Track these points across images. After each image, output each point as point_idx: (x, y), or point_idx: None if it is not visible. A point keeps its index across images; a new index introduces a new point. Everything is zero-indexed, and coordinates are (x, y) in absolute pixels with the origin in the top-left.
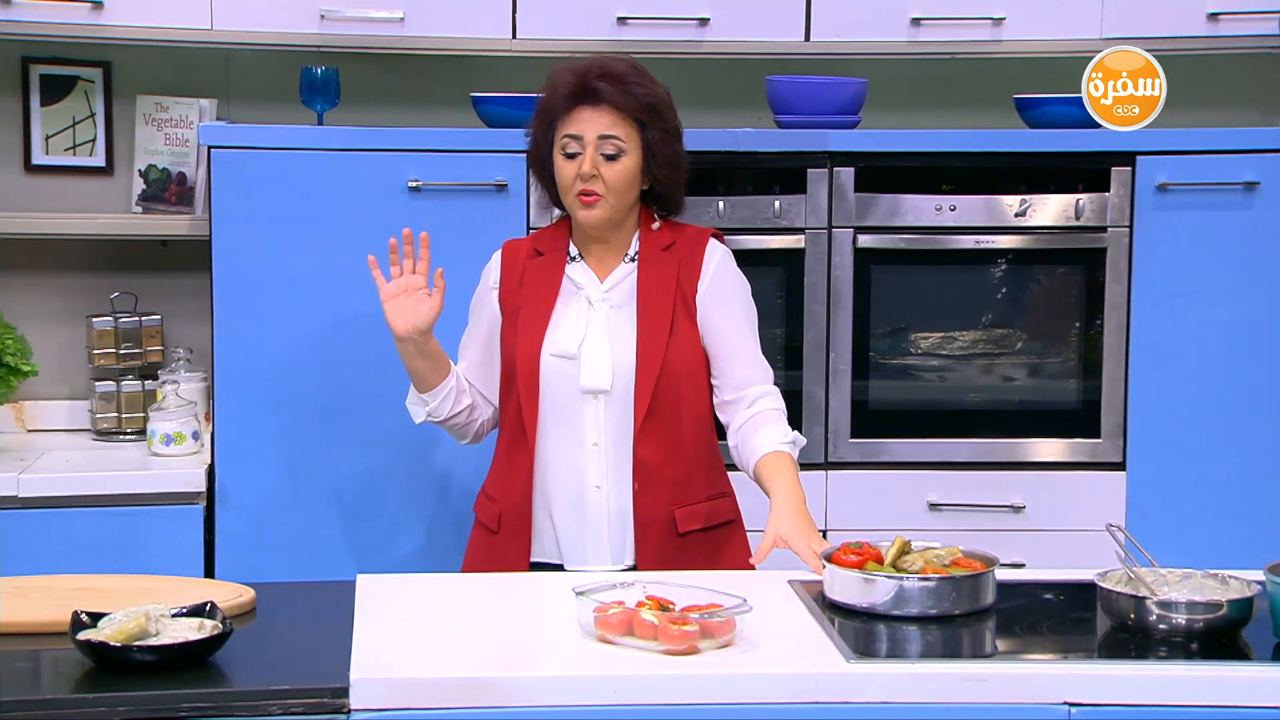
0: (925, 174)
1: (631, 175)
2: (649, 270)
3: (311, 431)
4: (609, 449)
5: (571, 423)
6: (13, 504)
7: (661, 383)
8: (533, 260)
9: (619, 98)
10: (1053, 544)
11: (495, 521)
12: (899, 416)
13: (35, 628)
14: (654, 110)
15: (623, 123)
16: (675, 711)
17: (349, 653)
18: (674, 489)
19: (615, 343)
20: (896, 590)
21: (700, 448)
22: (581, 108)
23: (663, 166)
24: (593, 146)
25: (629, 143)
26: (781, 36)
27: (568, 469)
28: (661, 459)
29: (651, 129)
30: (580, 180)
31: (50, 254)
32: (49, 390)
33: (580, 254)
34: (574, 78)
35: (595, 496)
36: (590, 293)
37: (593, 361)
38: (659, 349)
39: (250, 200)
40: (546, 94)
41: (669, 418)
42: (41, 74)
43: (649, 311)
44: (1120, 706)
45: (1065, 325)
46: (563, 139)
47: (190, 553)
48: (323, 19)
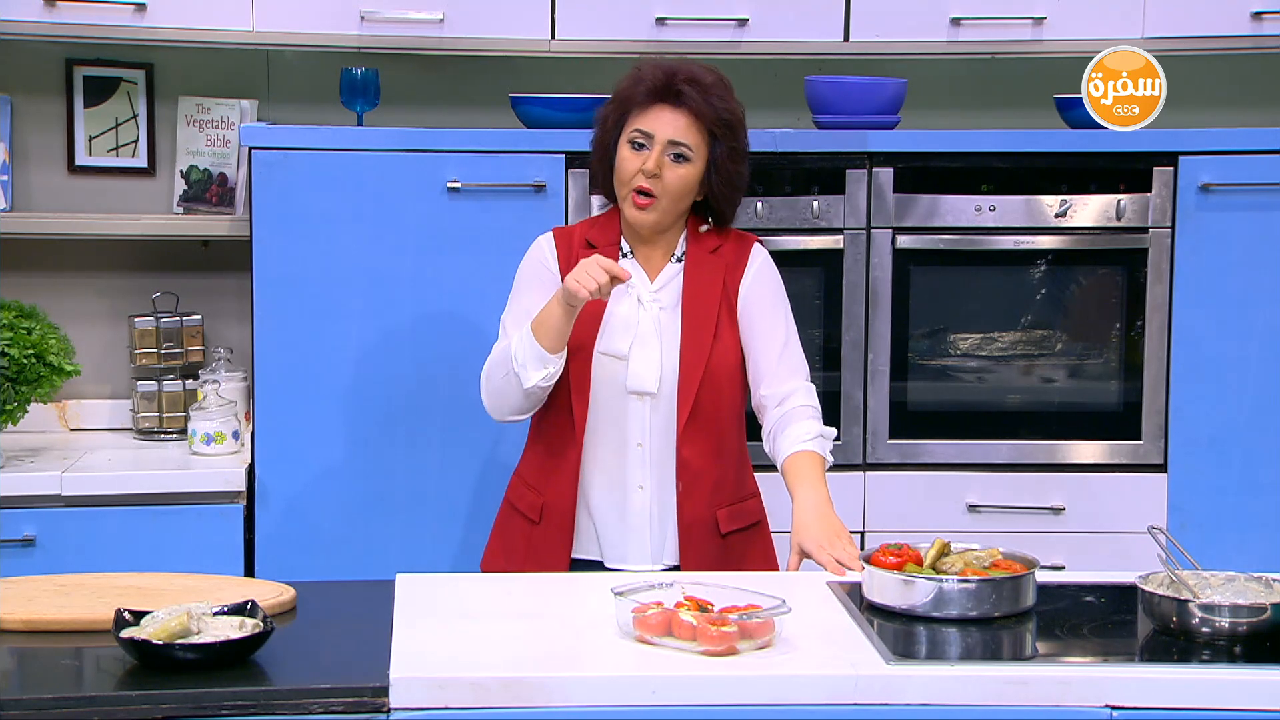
0: (965, 174)
1: (691, 184)
2: (696, 273)
3: (351, 431)
4: (652, 450)
5: (616, 422)
6: (56, 503)
7: (705, 385)
8: (585, 252)
9: (700, 105)
10: (1093, 546)
11: (537, 513)
12: (938, 417)
13: (78, 625)
14: (729, 126)
15: (696, 130)
16: (714, 712)
17: (389, 652)
18: (716, 490)
19: (665, 346)
20: (936, 592)
21: (738, 448)
22: (661, 105)
23: (723, 183)
24: (661, 146)
25: (697, 152)
26: (821, 37)
27: (612, 468)
28: (704, 461)
29: (722, 143)
30: (641, 175)
31: (93, 254)
32: (91, 390)
33: (632, 250)
34: (661, 74)
35: (638, 497)
36: (641, 292)
37: (641, 363)
38: (703, 352)
39: (290, 201)
40: (628, 83)
41: (711, 420)
42: (85, 76)
43: (695, 314)
44: (1163, 710)
45: (1106, 326)
46: (633, 131)
47: (230, 551)
48: (363, 20)
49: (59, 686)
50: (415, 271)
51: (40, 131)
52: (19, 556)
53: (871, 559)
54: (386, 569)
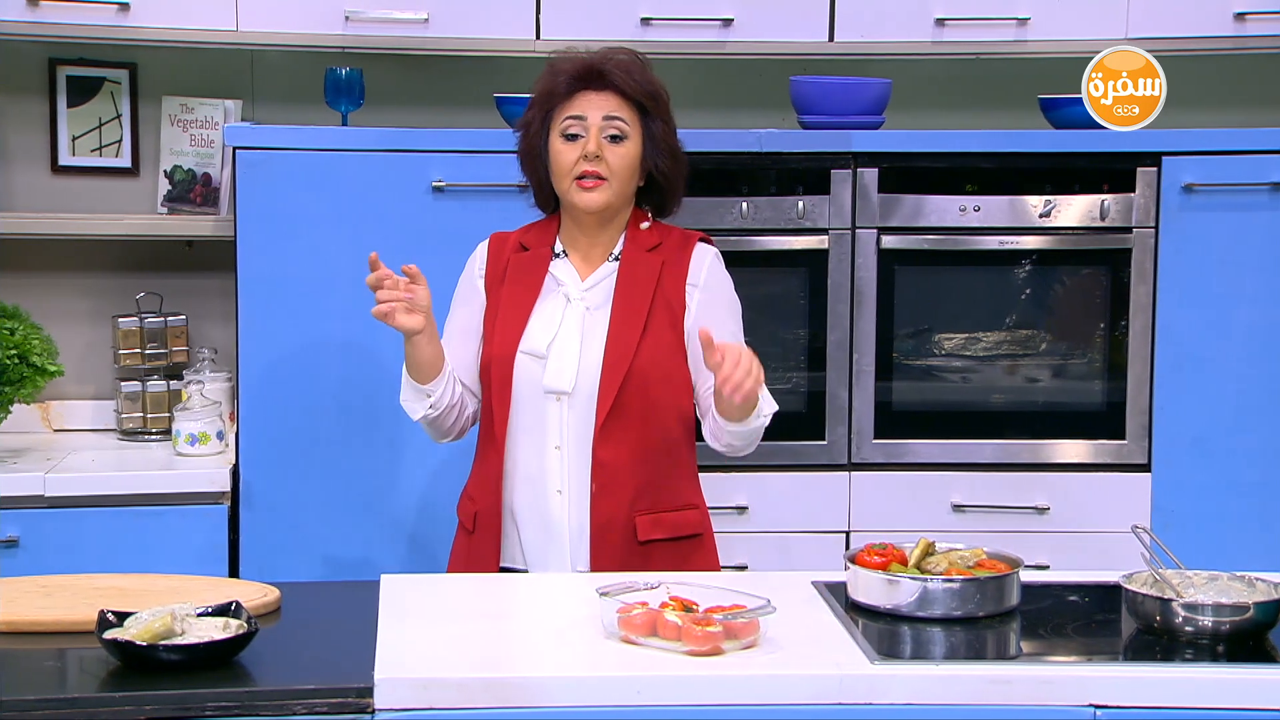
0: (949, 174)
1: (633, 162)
2: (630, 270)
3: (335, 431)
4: (571, 452)
5: (536, 424)
6: (39, 503)
7: (628, 385)
8: (517, 255)
9: (625, 82)
10: (1077, 546)
11: (472, 521)
12: (923, 417)
13: (62, 627)
14: (656, 99)
15: (626, 107)
16: (699, 712)
17: (373, 652)
18: (636, 495)
19: (586, 343)
20: (921, 592)
21: (668, 455)
22: (585, 91)
23: (664, 156)
24: (596, 128)
25: (632, 128)
26: (805, 37)
27: (532, 472)
28: (623, 462)
29: (655, 118)
30: (584, 161)
31: (76, 254)
32: (75, 390)
33: (566, 251)
34: (578, 62)
35: (557, 501)
36: (569, 290)
37: (559, 362)
38: (628, 350)
39: (275, 201)
40: (546, 80)
41: (634, 421)
42: (68, 75)
43: (623, 312)
44: (1147, 709)
45: (1090, 326)
46: (564, 121)
47: (215, 552)
48: (347, 20)
49: (42, 688)
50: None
51: (23, 131)
52: (2, 557)
53: (856, 558)
54: (371, 570)
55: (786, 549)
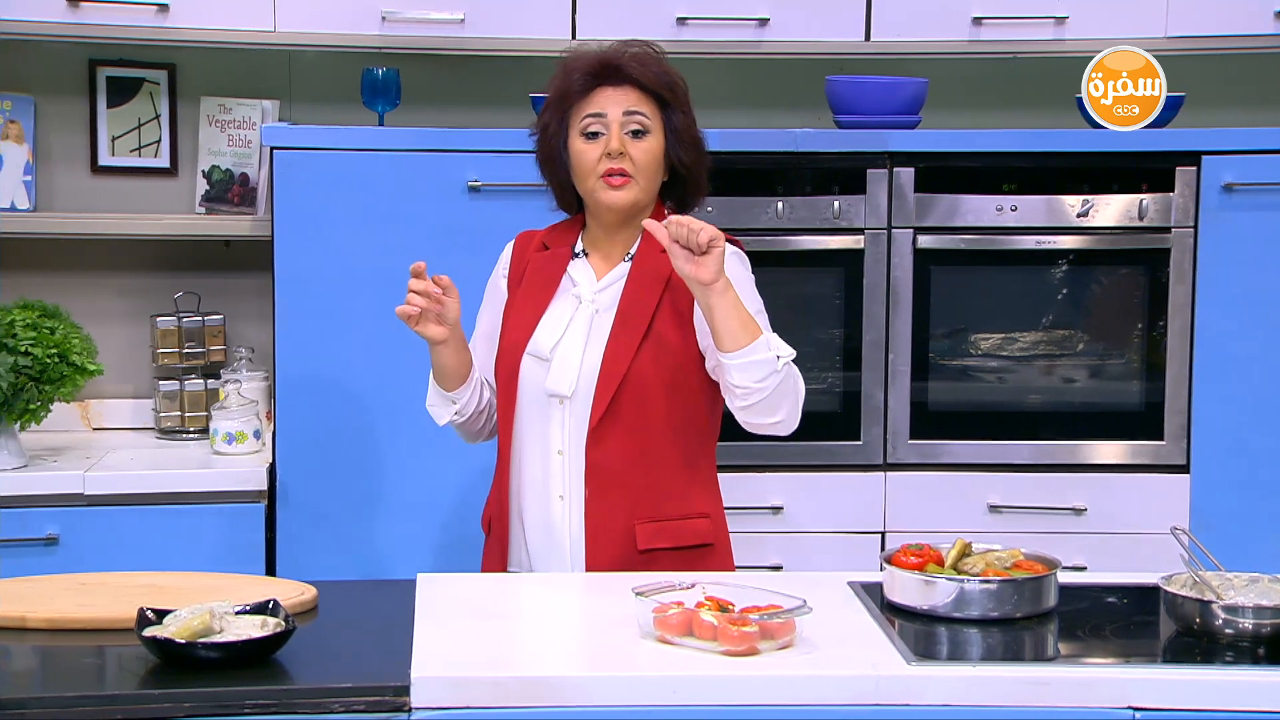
0: (986, 174)
1: (657, 155)
2: (640, 272)
3: (371, 430)
4: (571, 458)
5: (540, 427)
6: (78, 501)
7: (625, 388)
8: (538, 254)
9: (642, 74)
10: (1115, 547)
11: (488, 524)
12: (959, 418)
13: (101, 624)
14: (674, 90)
15: (646, 101)
16: (734, 712)
17: (410, 651)
18: (635, 502)
19: (590, 346)
20: (958, 592)
21: (673, 461)
22: (603, 87)
23: (688, 148)
24: (617, 124)
25: (653, 121)
26: (841, 36)
27: (537, 476)
28: (620, 468)
29: (675, 110)
30: (607, 159)
31: (115, 254)
32: (114, 389)
33: (586, 251)
34: (592, 59)
35: (559, 506)
36: (582, 291)
37: (561, 365)
38: (627, 354)
39: (312, 201)
40: (560, 80)
41: (633, 425)
42: (108, 76)
43: (628, 314)
44: (1186, 711)
45: (1128, 326)
46: (583, 120)
47: (252, 551)
48: (384, 20)
49: (81, 685)
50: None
51: (63, 132)
52: (42, 555)
53: (892, 559)
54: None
55: (821, 549)
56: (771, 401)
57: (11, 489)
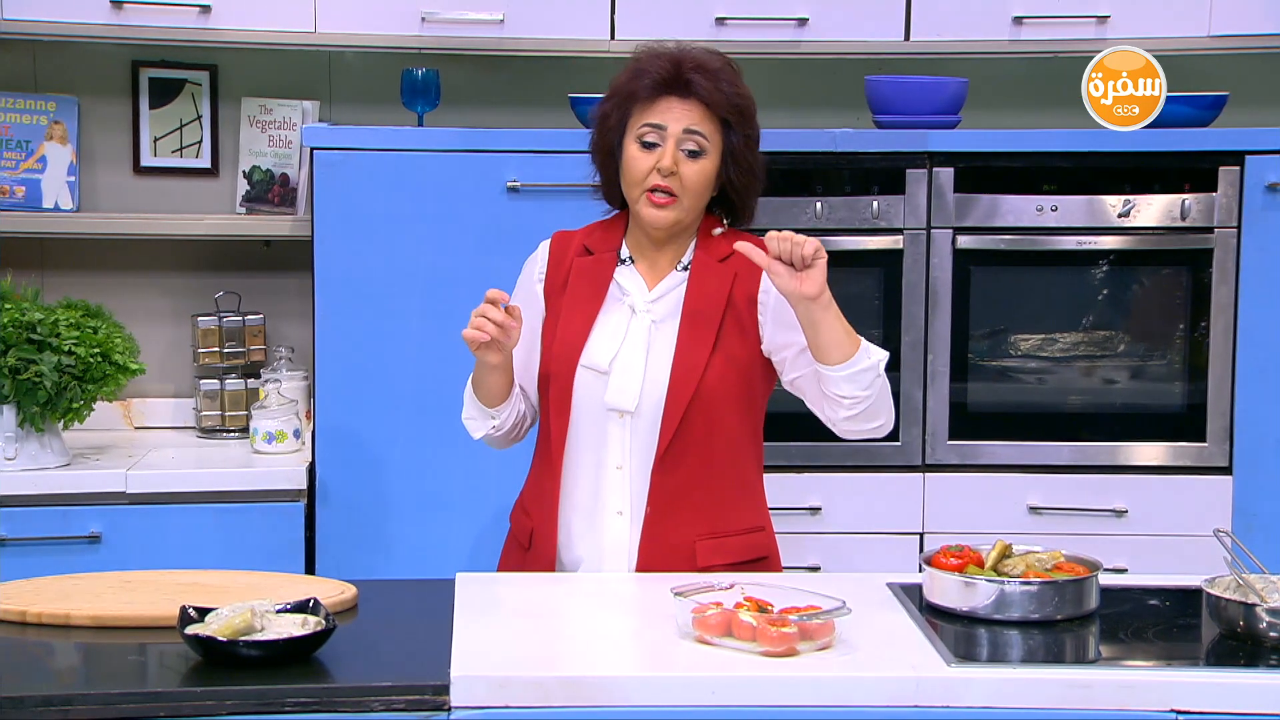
0: (1026, 174)
1: (709, 177)
2: (701, 282)
3: (411, 430)
4: (633, 474)
5: (596, 442)
6: (121, 500)
7: (695, 406)
8: (581, 259)
9: (711, 93)
10: (1156, 549)
11: (528, 538)
12: (998, 419)
13: (144, 621)
14: (742, 113)
15: (709, 120)
16: (774, 713)
17: (449, 650)
18: (698, 520)
19: (652, 359)
20: (998, 594)
21: (735, 477)
22: (668, 97)
23: (742, 173)
24: (674, 140)
25: (711, 142)
26: (881, 36)
27: (591, 491)
28: (685, 487)
29: (736, 132)
30: (657, 174)
31: (157, 254)
32: (155, 388)
33: (632, 257)
34: (666, 64)
35: (616, 524)
36: (635, 300)
37: (623, 378)
38: (696, 370)
39: (351, 201)
40: (629, 76)
41: (700, 443)
42: (150, 77)
43: (693, 328)
44: (1229, 715)
45: (1170, 327)
46: (641, 127)
47: (292, 549)
48: (423, 21)
49: (125, 682)
50: (475, 271)
51: (106, 133)
52: (86, 553)
53: (932, 560)
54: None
55: (860, 550)
56: (875, 408)
57: (55, 487)
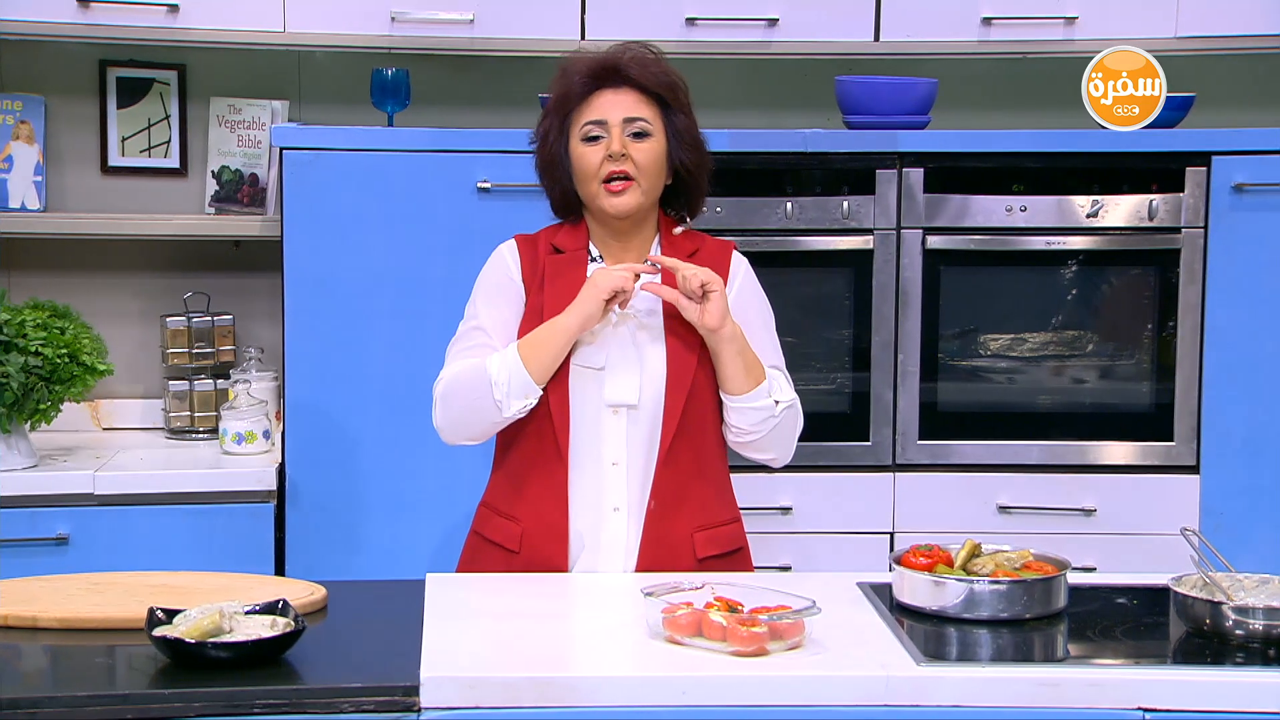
0: (996, 174)
1: (660, 156)
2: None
3: (381, 430)
4: (631, 468)
5: (592, 440)
6: (89, 501)
7: (691, 399)
8: (552, 258)
9: (642, 76)
10: (1125, 548)
11: (516, 542)
12: (968, 418)
13: (112, 623)
14: (675, 91)
15: (646, 104)
16: (744, 713)
17: (419, 651)
18: (696, 513)
19: (645, 355)
20: (967, 593)
21: (718, 468)
22: (602, 91)
23: (690, 150)
24: (619, 128)
25: (655, 125)
26: (851, 37)
27: (587, 488)
28: (686, 481)
29: (676, 112)
30: (609, 161)
31: (125, 254)
32: (124, 389)
33: (601, 255)
34: (592, 62)
35: (613, 519)
36: None
37: (619, 374)
38: (690, 364)
39: (321, 201)
40: (560, 84)
41: (696, 437)
42: (118, 77)
43: (680, 324)
44: (1196, 713)
45: (1138, 327)
46: (584, 126)
47: (261, 550)
48: (393, 21)
49: (93, 684)
50: (445, 272)
51: (74, 132)
52: (53, 555)
53: (902, 559)
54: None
55: (830, 550)
56: (762, 444)
57: (22, 489)
